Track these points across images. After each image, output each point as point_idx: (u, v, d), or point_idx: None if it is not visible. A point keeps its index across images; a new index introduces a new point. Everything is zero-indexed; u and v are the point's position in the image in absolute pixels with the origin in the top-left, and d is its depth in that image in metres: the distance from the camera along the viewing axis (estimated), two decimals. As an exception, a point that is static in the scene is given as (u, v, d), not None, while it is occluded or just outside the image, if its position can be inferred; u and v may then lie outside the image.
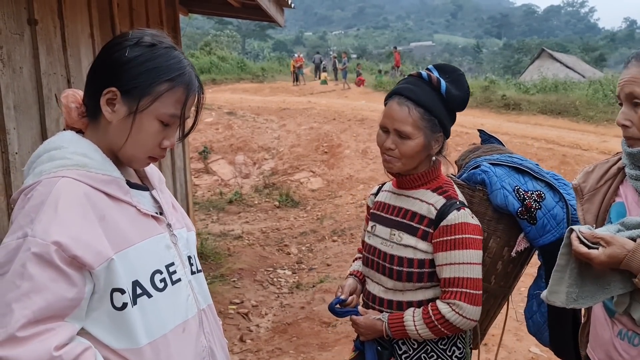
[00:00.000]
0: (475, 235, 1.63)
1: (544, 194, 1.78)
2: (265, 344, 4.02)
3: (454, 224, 1.60)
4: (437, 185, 1.71)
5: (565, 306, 1.38)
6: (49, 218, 0.99)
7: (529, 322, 1.98)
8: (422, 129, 1.62)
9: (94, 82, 1.15)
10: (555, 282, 1.40)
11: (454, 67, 1.73)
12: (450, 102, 1.66)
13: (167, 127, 1.16)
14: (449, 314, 1.59)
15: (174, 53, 1.16)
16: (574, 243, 1.35)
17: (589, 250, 1.32)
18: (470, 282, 1.60)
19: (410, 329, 1.64)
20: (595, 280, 1.37)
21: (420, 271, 1.65)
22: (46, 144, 1.13)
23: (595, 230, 1.38)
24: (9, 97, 2.39)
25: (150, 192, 1.27)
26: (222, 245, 6.55)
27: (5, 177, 2.37)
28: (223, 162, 11.32)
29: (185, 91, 1.15)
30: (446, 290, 1.62)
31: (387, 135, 1.67)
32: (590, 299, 1.38)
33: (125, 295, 1.07)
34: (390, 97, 1.68)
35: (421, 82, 1.66)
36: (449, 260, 1.60)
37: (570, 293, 1.37)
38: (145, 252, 1.13)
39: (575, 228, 1.37)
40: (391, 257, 1.69)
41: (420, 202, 1.69)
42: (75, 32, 3.06)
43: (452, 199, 1.66)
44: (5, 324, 0.94)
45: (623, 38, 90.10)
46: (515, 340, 3.82)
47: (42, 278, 0.97)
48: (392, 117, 1.63)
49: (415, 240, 1.66)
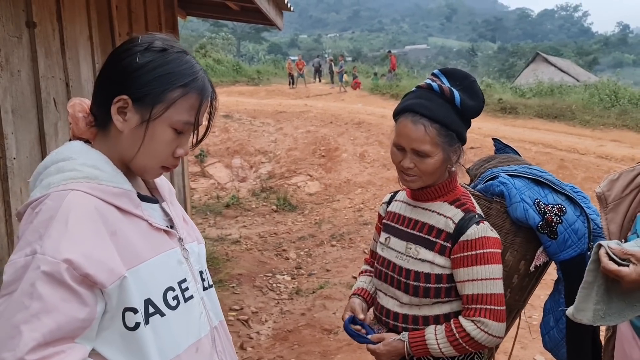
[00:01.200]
0: (495, 249, 1.57)
1: (565, 207, 1.73)
2: (267, 352, 3.96)
3: (475, 238, 1.55)
4: (455, 197, 1.65)
5: (593, 324, 1.34)
6: (59, 234, 0.94)
7: (545, 338, 1.93)
8: (440, 144, 1.54)
9: (104, 90, 1.09)
10: (582, 300, 1.34)
11: (464, 74, 1.63)
12: (466, 113, 1.59)
13: (180, 135, 1.11)
14: (474, 332, 1.54)
15: (185, 58, 1.11)
16: (603, 260, 1.29)
17: (619, 267, 1.27)
18: (494, 298, 1.54)
19: (433, 347, 1.58)
20: (623, 297, 1.32)
21: (437, 286, 1.60)
22: (54, 155, 1.07)
23: (624, 245, 1.33)
24: (6, 101, 2.33)
25: (160, 204, 1.21)
26: (220, 250, 6.49)
27: (2, 183, 2.31)
28: (220, 165, 11.26)
29: (199, 97, 1.10)
30: (469, 307, 1.56)
31: (403, 154, 1.59)
32: (618, 317, 1.33)
33: (137, 314, 1.01)
34: (402, 114, 1.59)
35: (433, 95, 1.57)
36: (471, 276, 1.55)
37: (597, 310, 1.32)
38: (157, 268, 1.07)
39: (604, 243, 1.32)
40: (407, 271, 1.63)
41: (437, 215, 1.63)
42: (74, 35, 3.00)
43: (471, 212, 1.61)
44: (13, 347, 0.88)
45: (616, 42, 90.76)
46: (520, 348, 3.78)
47: (53, 298, 0.91)
48: (408, 136, 1.55)
49: (432, 254, 1.60)
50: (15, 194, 2.37)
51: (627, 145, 11.50)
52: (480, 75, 33.19)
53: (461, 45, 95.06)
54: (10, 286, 0.93)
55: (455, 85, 1.59)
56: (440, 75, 1.62)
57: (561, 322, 1.83)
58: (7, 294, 0.93)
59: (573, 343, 1.79)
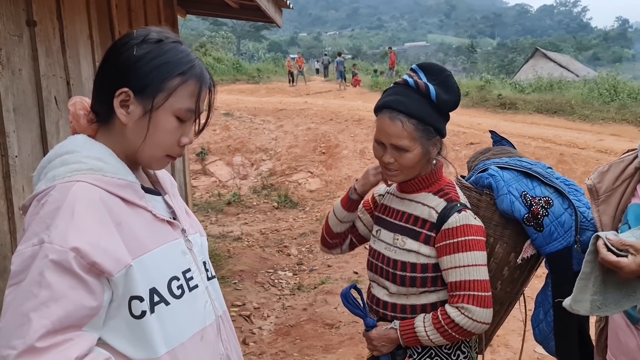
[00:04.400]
0: (478, 236, 1.60)
1: (552, 200, 1.73)
2: (269, 347, 3.99)
3: (456, 226, 1.58)
4: (439, 187, 1.68)
5: (590, 314, 1.35)
6: (66, 224, 0.95)
7: (536, 331, 1.94)
8: (418, 139, 1.58)
9: (104, 86, 1.11)
10: (580, 291, 1.36)
11: (440, 68, 1.67)
12: (442, 107, 1.61)
13: (183, 123, 1.13)
14: (459, 318, 1.56)
15: (181, 47, 1.14)
16: (602, 251, 1.30)
17: (618, 258, 1.28)
18: (478, 284, 1.57)
19: (421, 335, 1.61)
20: (619, 287, 1.33)
21: (423, 276, 1.63)
22: (58, 148, 1.09)
23: (621, 235, 1.34)
24: (8, 99, 2.35)
25: (163, 197, 1.23)
26: (221, 247, 6.51)
27: (5, 181, 2.33)
28: (221, 163, 11.28)
29: (198, 84, 1.13)
30: (454, 294, 1.59)
31: (383, 149, 1.63)
32: (614, 307, 1.34)
33: (143, 303, 1.03)
34: (380, 110, 1.63)
35: (409, 91, 1.60)
36: (454, 263, 1.58)
37: (594, 301, 1.34)
38: (161, 258, 1.09)
39: (602, 235, 1.33)
40: (394, 262, 1.67)
41: (422, 205, 1.67)
42: (74, 34, 3.02)
43: (453, 201, 1.64)
44: (23, 334, 0.90)
45: (615, 37, 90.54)
46: (520, 340, 3.80)
47: (61, 286, 0.93)
48: (386, 132, 1.59)
49: (418, 244, 1.64)
50: (18, 191, 2.40)
51: (626, 139, 11.49)
52: (480, 72, 33.15)
53: (460, 41, 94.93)
54: (18, 276, 0.95)
55: (431, 79, 1.62)
56: (418, 70, 1.66)
57: (549, 315, 1.82)
58: (15, 284, 0.95)
59: (561, 336, 1.80)
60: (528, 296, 2.03)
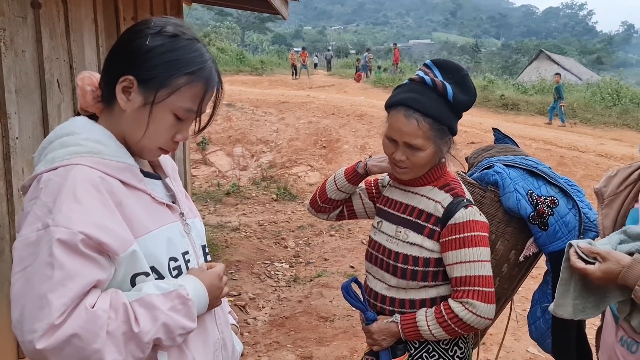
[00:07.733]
0: (483, 232, 1.60)
1: (557, 200, 1.75)
2: (263, 337, 4.00)
3: (463, 221, 1.57)
4: (444, 182, 1.67)
5: (574, 318, 1.39)
6: (69, 207, 0.96)
7: (532, 328, 1.95)
8: (432, 138, 1.57)
9: (112, 68, 1.11)
10: (561, 295, 1.40)
11: (456, 66, 1.64)
12: (458, 107, 1.60)
13: (181, 121, 1.12)
14: (463, 313, 1.56)
15: (196, 45, 1.12)
16: (572, 258, 1.36)
17: (585, 265, 1.33)
18: (483, 279, 1.57)
19: (423, 329, 1.61)
20: (597, 291, 1.38)
21: (425, 270, 1.63)
22: (58, 130, 1.09)
23: (597, 241, 1.39)
24: (10, 80, 2.34)
25: (163, 180, 1.24)
26: (219, 237, 6.52)
27: (5, 162, 2.33)
28: (221, 153, 11.27)
29: (204, 86, 1.12)
30: (458, 289, 1.59)
31: (395, 146, 1.61)
32: (595, 309, 1.39)
33: (149, 277, 1.05)
34: (395, 107, 1.60)
35: (425, 89, 1.58)
36: (460, 259, 1.57)
37: (576, 305, 1.39)
38: (160, 239, 1.10)
39: (574, 243, 1.39)
40: (396, 254, 1.66)
41: (427, 199, 1.66)
42: (79, 17, 3.01)
43: (459, 196, 1.63)
44: (45, 316, 0.90)
45: (620, 41, 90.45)
46: (514, 340, 3.82)
47: (73, 265, 0.94)
48: (400, 130, 1.57)
49: (421, 238, 1.63)
50: (17, 173, 2.40)
51: (627, 144, 11.51)
52: (484, 72, 33.06)
53: (465, 40, 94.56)
54: (25, 261, 0.95)
55: (447, 78, 1.59)
56: (433, 66, 1.63)
57: (547, 313, 1.84)
58: (22, 270, 0.95)
59: (558, 334, 1.82)
60: (522, 296, 2.05)
